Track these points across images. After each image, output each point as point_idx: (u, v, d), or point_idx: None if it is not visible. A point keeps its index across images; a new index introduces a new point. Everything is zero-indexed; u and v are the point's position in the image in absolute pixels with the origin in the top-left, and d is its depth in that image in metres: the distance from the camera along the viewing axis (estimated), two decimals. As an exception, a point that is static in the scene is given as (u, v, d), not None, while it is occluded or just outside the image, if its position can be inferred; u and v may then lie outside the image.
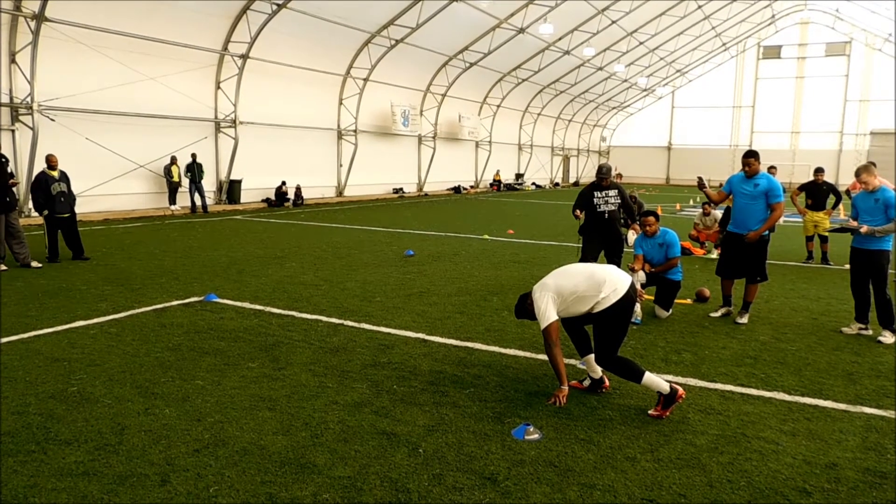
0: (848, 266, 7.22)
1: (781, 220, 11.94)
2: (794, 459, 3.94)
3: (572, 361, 5.57)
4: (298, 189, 24.00)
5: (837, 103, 46.67)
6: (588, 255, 8.60)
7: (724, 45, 46.48)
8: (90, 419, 4.29)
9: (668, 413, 4.50)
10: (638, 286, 7.25)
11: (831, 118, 46.84)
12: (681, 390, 4.52)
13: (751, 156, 7.24)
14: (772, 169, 12.29)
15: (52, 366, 5.34)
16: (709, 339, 6.59)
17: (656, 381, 4.53)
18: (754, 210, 7.16)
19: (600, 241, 8.68)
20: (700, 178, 7.79)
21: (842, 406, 4.81)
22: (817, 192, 12.04)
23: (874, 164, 6.99)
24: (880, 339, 6.60)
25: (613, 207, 8.63)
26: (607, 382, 5.00)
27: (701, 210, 13.23)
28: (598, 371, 4.96)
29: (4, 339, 6.05)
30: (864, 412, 4.70)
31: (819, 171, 12.25)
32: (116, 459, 3.74)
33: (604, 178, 8.66)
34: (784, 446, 4.11)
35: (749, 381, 5.31)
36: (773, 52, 48.70)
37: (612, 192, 8.65)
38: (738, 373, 5.53)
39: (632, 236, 9.14)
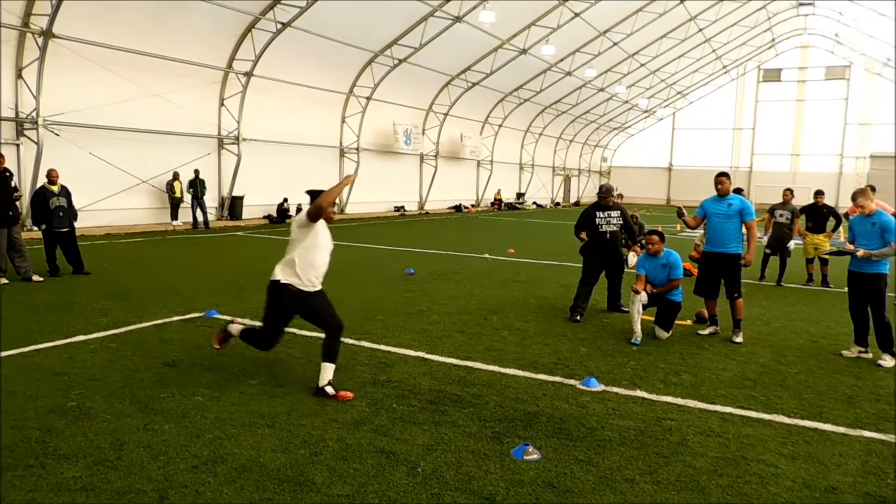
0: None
1: (792, 243, 12.08)
2: (794, 483, 3.93)
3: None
4: (300, 206, 24.01)
5: (837, 126, 46.91)
6: (589, 275, 8.64)
7: (724, 67, 46.84)
8: (89, 434, 4.29)
9: (219, 339, 5.68)
10: (639, 307, 7.31)
11: (831, 141, 47.05)
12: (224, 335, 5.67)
13: (721, 175, 7.72)
14: (787, 192, 12.29)
15: (51, 380, 5.34)
16: (709, 361, 6.58)
17: (236, 327, 5.66)
18: (729, 229, 7.51)
19: (601, 261, 8.73)
20: (679, 209, 8.13)
21: (842, 429, 4.80)
22: (817, 215, 12.11)
23: (873, 188, 7.04)
24: (880, 362, 6.60)
25: (615, 228, 8.72)
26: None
27: (702, 231, 13.25)
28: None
29: (5, 353, 6.04)
30: (864, 436, 4.69)
31: (819, 193, 12.34)
32: (115, 475, 3.74)
33: (604, 197, 8.77)
34: (784, 469, 4.10)
35: (749, 404, 5.30)
36: (773, 75, 49.07)
37: (615, 213, 8.73)
38: (738, 395, 5.52)
39: (632, 258, 9.14)
